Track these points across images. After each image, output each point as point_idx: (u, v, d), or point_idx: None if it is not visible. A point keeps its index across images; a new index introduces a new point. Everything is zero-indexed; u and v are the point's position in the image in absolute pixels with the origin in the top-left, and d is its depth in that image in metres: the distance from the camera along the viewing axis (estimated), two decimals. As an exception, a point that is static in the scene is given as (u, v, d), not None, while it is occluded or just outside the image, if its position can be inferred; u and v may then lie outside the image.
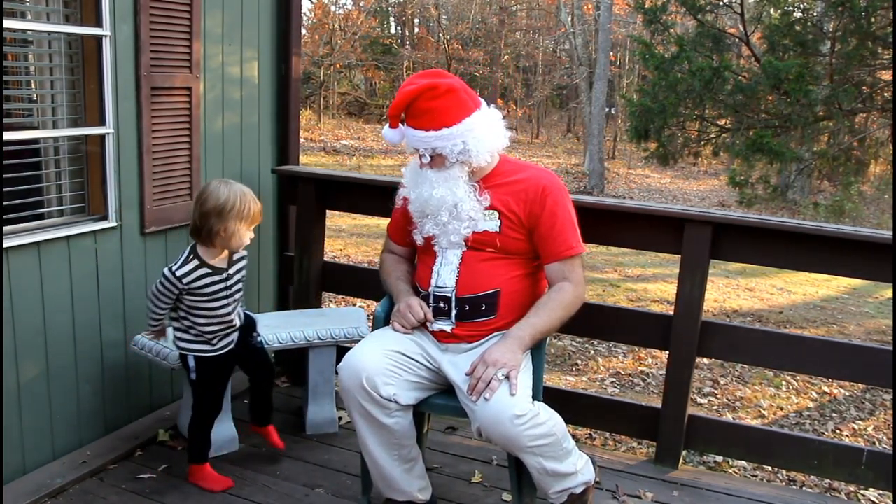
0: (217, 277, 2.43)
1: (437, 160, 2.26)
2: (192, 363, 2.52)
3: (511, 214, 2.27)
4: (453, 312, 2.28)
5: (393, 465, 2.29)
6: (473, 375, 2.11)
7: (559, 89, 28.53)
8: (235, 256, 2.49)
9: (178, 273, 2.37)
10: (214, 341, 2.51)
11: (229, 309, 2.49)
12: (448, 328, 2.30)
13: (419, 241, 2.37)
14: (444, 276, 2.29)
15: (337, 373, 2.65)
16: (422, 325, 2.34)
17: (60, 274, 2.58)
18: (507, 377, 2.08)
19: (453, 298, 2.28)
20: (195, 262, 2.39)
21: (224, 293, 2.46)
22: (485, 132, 2.24)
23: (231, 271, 2.47)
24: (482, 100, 2.32)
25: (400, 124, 2.26)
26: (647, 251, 4.23)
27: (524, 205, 2.27)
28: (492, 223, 2.26)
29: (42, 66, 2.62)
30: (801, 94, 7.61)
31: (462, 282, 2.27)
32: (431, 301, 2.31)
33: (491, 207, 2.27)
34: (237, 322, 2.57)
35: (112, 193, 2.70)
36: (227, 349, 2.56)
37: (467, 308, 2.27)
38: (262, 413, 2.80)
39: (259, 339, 2.71)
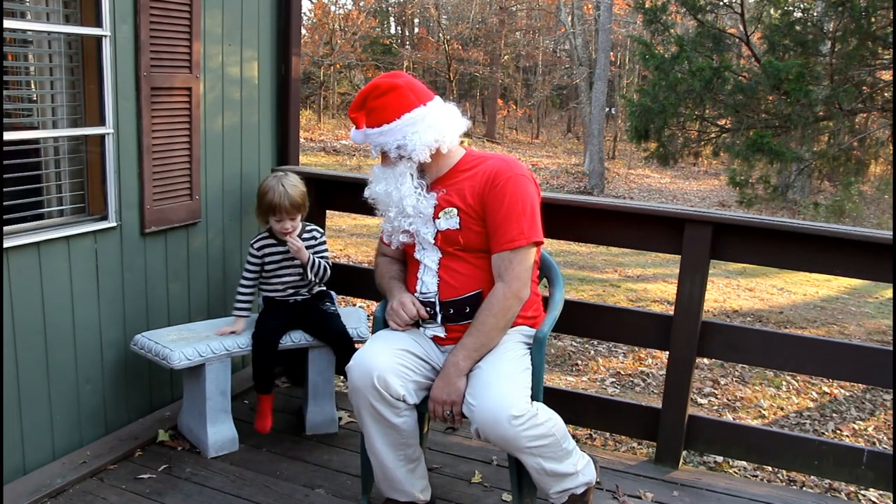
0: (280, 248, 2.86)
1: (385, 157, 2.31)
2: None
3: (468, 208, 2.24)
4: (439, 317, 2.30)
5: (398, 465, 2.30)
6: (435, 416, 2.23)
7: (559, 89, 28.56)
8: (304, 236, 2.86)
9: (253, 242, 2.89)
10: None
11: (288, 280, 2.90)
12: (441, 334, 2.32)
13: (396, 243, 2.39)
14: (427, 281, 2.31)
15: (342, 373, 2.65)
16: (415, 325, 2.35)
17: (60, 274, 2.58)
18: (452, 413, 2.19)
19: (437, 303, 2.29)
20: (266, 233, 2.89)
21: (285, 263, 2.88)
22: (425, 127, 2.22)
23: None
24: (437, 96, 2.32)
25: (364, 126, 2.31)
26: (647, 251, 4.23)
27: (478, 195, 2.23)
28: (453, 220, 2.25)
29: (42, 66, 2.62)
30: (801, 94, 7.60)
31: (443, 286, 2.28)
32: None
33: (450, 204, 2.26)
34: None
35: (112, 193, 2.70)
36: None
37: (451, 311, 2.29)
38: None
39: (330, 307, 3.00)
